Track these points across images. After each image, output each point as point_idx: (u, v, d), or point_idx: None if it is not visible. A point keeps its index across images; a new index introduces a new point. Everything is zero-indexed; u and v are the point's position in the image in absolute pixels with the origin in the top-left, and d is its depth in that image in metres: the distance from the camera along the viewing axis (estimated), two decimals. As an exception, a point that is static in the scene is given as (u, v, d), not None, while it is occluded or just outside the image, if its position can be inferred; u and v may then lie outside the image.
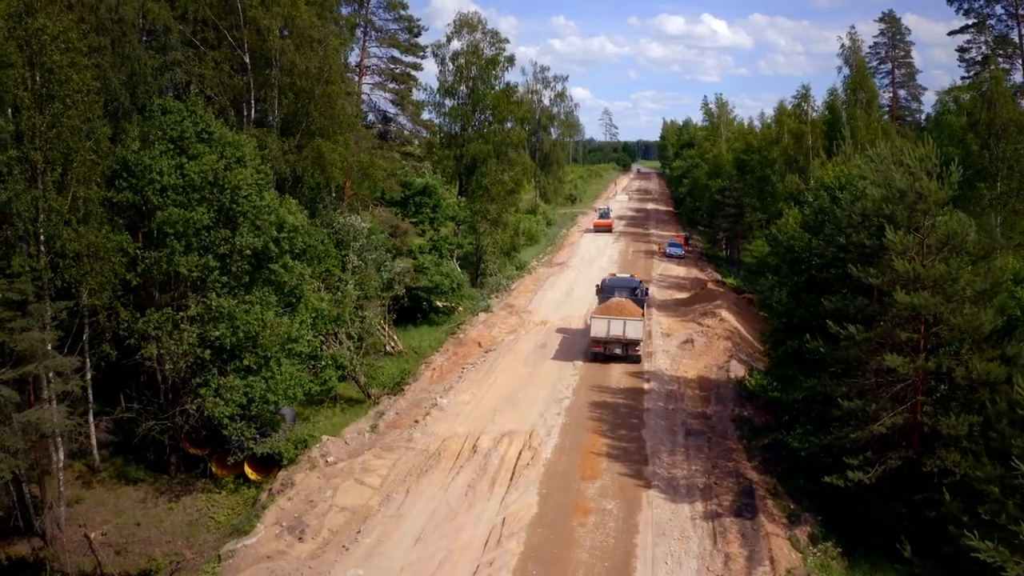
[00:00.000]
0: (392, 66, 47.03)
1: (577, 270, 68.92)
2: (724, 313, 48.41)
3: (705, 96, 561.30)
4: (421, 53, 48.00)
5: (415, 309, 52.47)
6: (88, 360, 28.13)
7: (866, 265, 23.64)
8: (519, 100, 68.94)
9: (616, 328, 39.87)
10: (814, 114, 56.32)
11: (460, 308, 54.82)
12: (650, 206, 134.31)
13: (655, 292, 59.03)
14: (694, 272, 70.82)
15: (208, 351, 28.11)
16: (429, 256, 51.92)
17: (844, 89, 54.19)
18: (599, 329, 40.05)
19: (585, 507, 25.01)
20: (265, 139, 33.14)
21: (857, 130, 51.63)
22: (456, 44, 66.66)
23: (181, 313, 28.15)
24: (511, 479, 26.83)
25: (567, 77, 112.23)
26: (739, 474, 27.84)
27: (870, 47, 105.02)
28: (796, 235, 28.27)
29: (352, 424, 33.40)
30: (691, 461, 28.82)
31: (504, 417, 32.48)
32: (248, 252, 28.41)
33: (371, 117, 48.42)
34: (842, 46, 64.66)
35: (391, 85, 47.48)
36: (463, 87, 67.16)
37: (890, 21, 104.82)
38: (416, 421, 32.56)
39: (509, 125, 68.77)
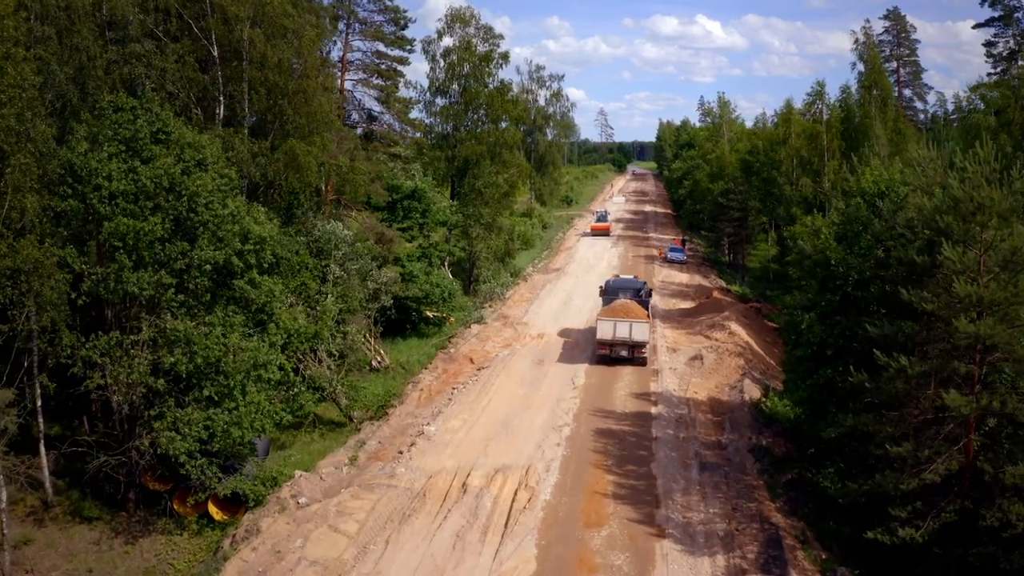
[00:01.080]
0: (377, 61, 43.73)
1: (575, 277, 65.69)
2: (734, 326, 45.23)
3: (702, 96, 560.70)
4: (408, 47, 44.81)
5: (404, 320, 49.29)
6: (35, 388, 24.98)
7: (915, 285, 20.49)
8: (514, 99, 65.72)
9: (622, 330, 39.31)
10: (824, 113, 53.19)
11: (452, 319, 51.66)
12: (648, 208, 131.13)
13: (657, 301, 55.86)
14: (697, 279, 67.63)
15: (162, 380, 24.84)
16: (418, 264, 48.70)
17: (858, 87, 51.06)
18: (605, 331, 39.53)
19: (591, 563, 21.77)
20: (231, 139, 29.85)
21: (872, 130, 48.58)
22: (448, 40, 63.50)
23: (131, 337, 24.86)
24: (505, 526, 23.59)
25: (563, 76, 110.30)
26: (763, 518, 24.64)
27: (874, 45, 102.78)
28: (828, 247, 25.03)
29: (329, 456, 30.19)
30: (708, 502, 25.61)
31: (498, 448, 29.26)
32: (208, 267, 25.12)
33: (355, 116, 45.14)
34: (856, 41, 61.56)
35: (376, 81, 44.16)
36: (455, 85, 63.95)
37: (895, 19, 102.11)
38: (400, 452, 29.34)
39: (504, 125, 65.59)
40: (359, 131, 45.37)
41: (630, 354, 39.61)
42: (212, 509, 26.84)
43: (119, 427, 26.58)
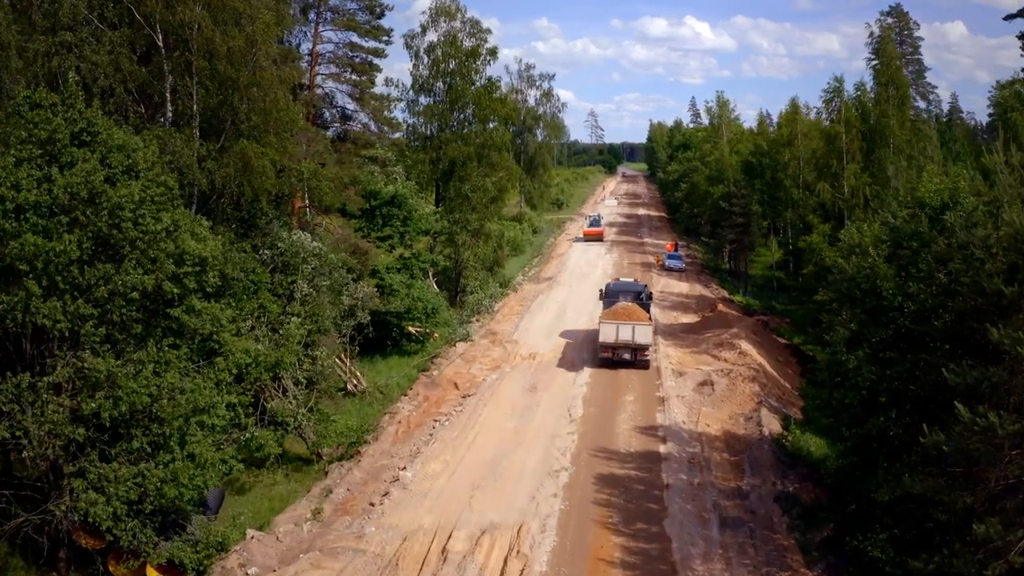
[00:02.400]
0: (351, 54, 39.56)
1: (568, 287, 61.64)
2: (744, 345, 41.25)
3: (693, 97, 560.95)
4: (384, 38, 40.61)
5: (384, 336, 45.23)
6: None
7: (997, 320, 16.54)
8: (502, 97, 61.72)
9: (625, 333, 38.91)
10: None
11: (436, 335, 47.57)
12: (641, 211, 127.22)
13: (658, 314, 51.88)
14: (698, 288, 63.63)
15: (83, 430, 20.66)
16: (398, 276, 44.61)
17: (874, 84, 47.21)
18: (608, 334, 39.14)
19: (598, 662, 17.75)
20: (172, 141, 25.63)
21: (890, 130, 44.75)
22: (432, 35, 59.63)
23: (45, 379, 20.66)
24: (493, 609, 19.55)
25: (554, 76, 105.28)
26: (800, 591, 20.68)
27: (865, 44, 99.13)
28: (878, 270, 20.91)
29: (290, 508, 26.05)
30: (733, 570, 21.58)
31: (484, 499, 25.16)
32: (136, 294, 20.93)
33: (328, 114, 40.95)
34: (870, 35, 57.69)
35: (350, 76, 39.98)
36: (440, 83, 60.08)
37: (898, 15, 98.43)
38: (371, 504, 25.20)
39: (492, 125, 61.60)
40: (332, 132, 41.16)
41: (632, 357, 39.09)
42: (151, 573, 22.72)
43: (42, 481, 22.43)
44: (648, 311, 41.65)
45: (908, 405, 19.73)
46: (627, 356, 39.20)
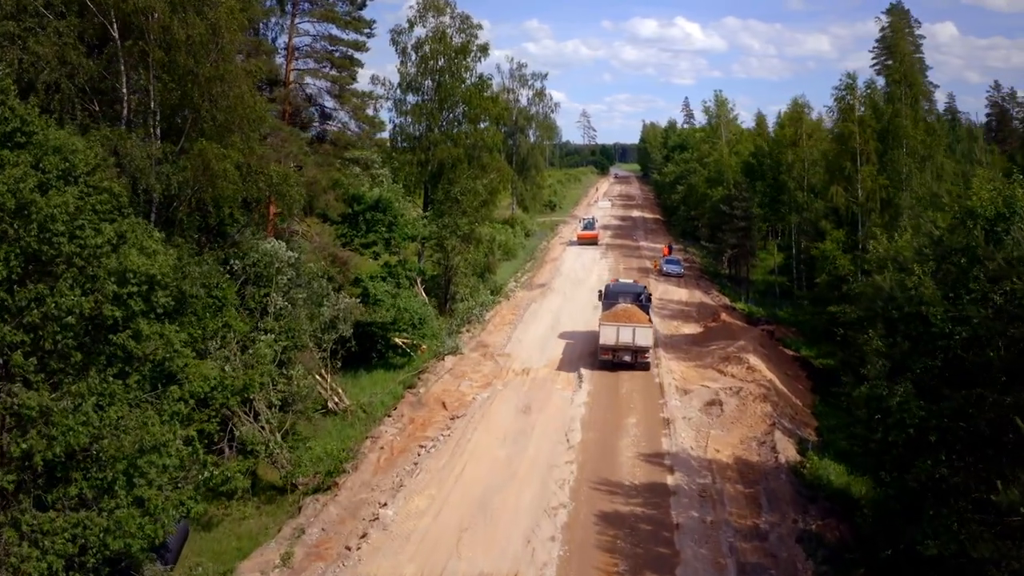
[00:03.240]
0: (330, 47, 36.79)
1: (562, 295, 58.98)
2: (752, 359, 38.66)
3: (686, 98, 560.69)
4: (366, 30, 37.74)
5: (369, 349, 42.58)
6: None
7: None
8: (494, 96, 59.05)
9: (625, 335, 38.52)
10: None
11: (424, 347, 44.88)
12: (636, 214, 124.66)
13: (658, 324, 49.34)
14: (698, 295, 61.09)
15: (12, 475, 17.94)
16: (383, 285, 41.92)
17: (887, 82, 44.62)
18: (608, 336, 38.75)
19: None
20: (122, 142, 22.87)
21: (904, 131, 42.25)
22: (420, 31, 56.88)
23: (-32, 416, 17.94)
24: None
25: (546, 75, 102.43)
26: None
27: (876, 41, 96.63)
28: (924, 290, 18.24)
29: (257, 552, 23.32)
30: (757, 630, 19.00)
31: (474, 543, 22.48)
32: (72, 318, 18.22)
33: (305, 113, 38.13)
34: (881, 29, 55.29)
35: (329, 71, 37.18)
36: (428, 81, 57.35)
37: (899, 14, 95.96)
38: (348, 548, 22.54)
39: (483, 125, 58.93)
40: (312, 132, 38.36)
41: (633, 359, 38.72)
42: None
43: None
44: (648, 313, 41.16)
45: (960, 446, 17.14)
46: (627, 358, 38.71)
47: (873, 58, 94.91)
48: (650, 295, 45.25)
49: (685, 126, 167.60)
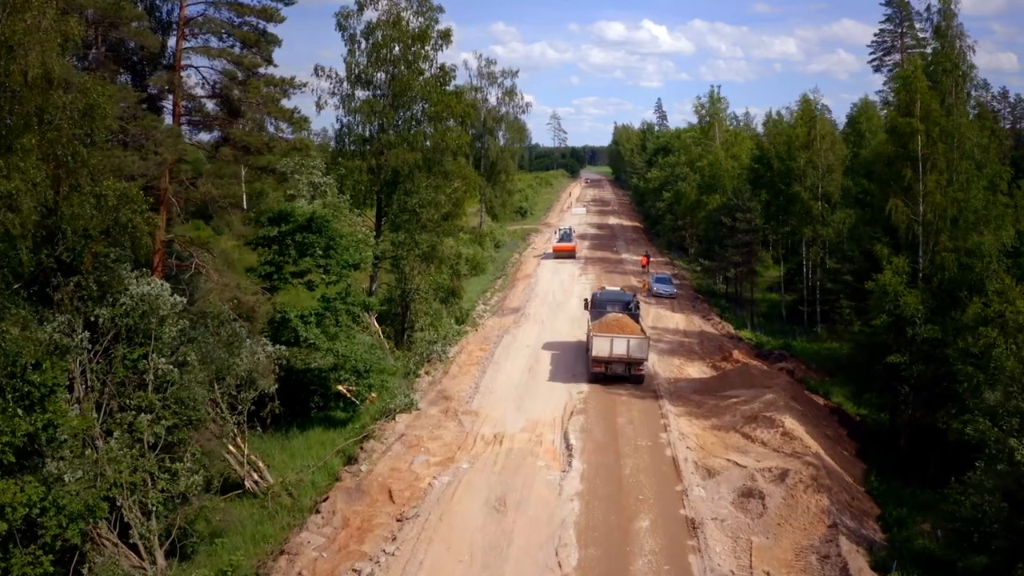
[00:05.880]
0: (235, 19, 27.77)
1: (539, 322, 50.39)
2: (788, 422, 30.17)
3: (659, 99, 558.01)
4: (282, -1, 28.68)
5: (306, 400, 33.96)
6: None
7: None
8: (458, 90, 50.40)
9: (619, 347, 36.70)
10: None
11: (374, 395, 36.21)
12: (613, 220, 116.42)
13: (655, 362, 41.11)
14: (696, 321, 52.71)
15: None
16: (314, 330, 33.08)
17: (933, 70, 36.41)
18: (601, 348, 36.91)
19: None
20: None
21: (957, 130, 34.09)
22: (370, 14, 48.16)
23: None
24: None
25: (517, 72, 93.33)
26: None
27: (875, 35, 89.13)
28: None
29: None
30: None
31: None
32: None
33: (210, 106, 29.06)
34: (927, 8, 46.82)
35: (239, 50, 28.13)
36: (381, 73, 48.60)
37: (898, 5, 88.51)
38: None
39: (449, 124, 50.18)
40: (213, 134, 29.35)
41: (627, 372, 37.21)
42: None
43: None
44: (638, 322, 39.38)
45: None
46: (620, 371, 37.11)
47: (872, 55, 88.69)
48: (639, 303, 43.54)
49: (658, 128, 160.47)
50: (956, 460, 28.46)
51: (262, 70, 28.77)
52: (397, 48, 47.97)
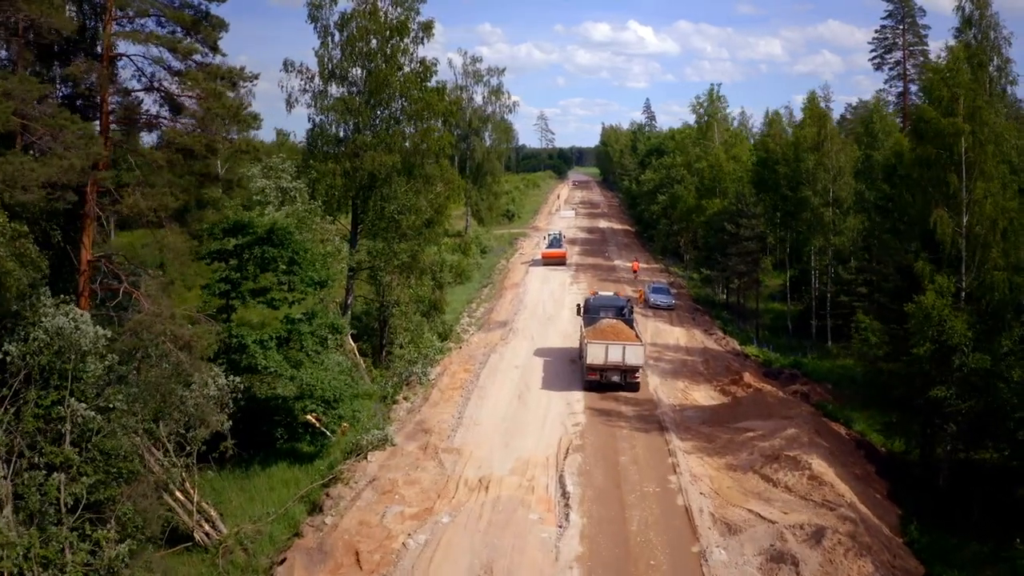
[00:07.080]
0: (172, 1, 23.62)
1: (529, 339, 46.56)
2: (816, 463, 26.36)
3: (648, 99, 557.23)
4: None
5: (268, 432, 30.14)
6: None
7: None
8: (440, 86, 46.50)
9: (615, 354, 35.89)
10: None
11: (346, 425, 32.47)
12: (603, 224, 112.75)
13: (657, 385, 37.45)
14: (698, 336, 48.97)
15: None
16: (277, 356, 29.21)
17: (968, 64, 32.76)
18: (596, 355, 36.08)
19: None
20: None
21: (993, 131, 30.40)
22: (345, 4, 44.32)
23: None
24: None
25: (503, 70, 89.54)
26: None
27: (876, 31, 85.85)
28: None
29: None
30: None
31: None
32: None
33: (147, 102, 24.99)
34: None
35: (179, 36, 24.09)
36: (356, 68, 44.67)
37: (900, 1, 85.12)
38: None
39: (433, 123, 46.23)
40: (152, 136, 25.35)
41: (622, 379, 36.52)
42: None
43: None
44: (633, 327, 38.61)
45: None
46: (616, 379, 36.35)
47: (872, 52, 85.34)
48: (632, 308, 42.33)
49: (647, 129, 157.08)
50: (1002, 499, 25.07)
51: (212, 60, 24.63)
52: (374, 41, 44.14)
